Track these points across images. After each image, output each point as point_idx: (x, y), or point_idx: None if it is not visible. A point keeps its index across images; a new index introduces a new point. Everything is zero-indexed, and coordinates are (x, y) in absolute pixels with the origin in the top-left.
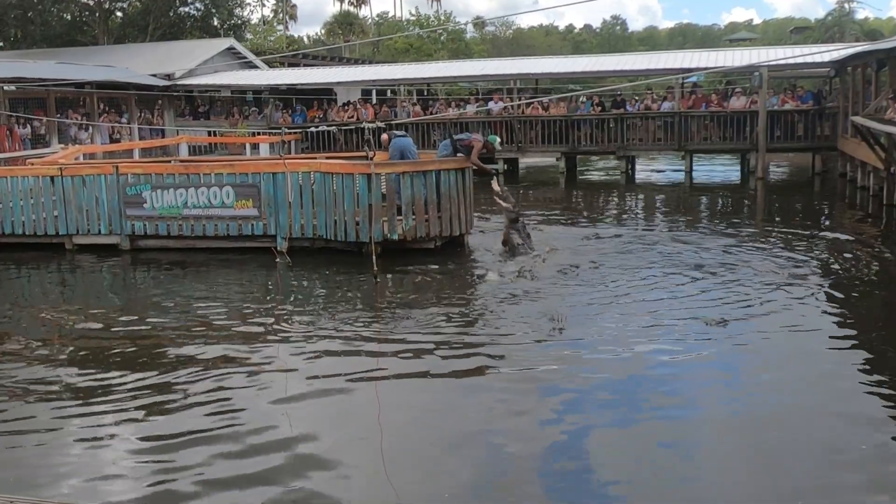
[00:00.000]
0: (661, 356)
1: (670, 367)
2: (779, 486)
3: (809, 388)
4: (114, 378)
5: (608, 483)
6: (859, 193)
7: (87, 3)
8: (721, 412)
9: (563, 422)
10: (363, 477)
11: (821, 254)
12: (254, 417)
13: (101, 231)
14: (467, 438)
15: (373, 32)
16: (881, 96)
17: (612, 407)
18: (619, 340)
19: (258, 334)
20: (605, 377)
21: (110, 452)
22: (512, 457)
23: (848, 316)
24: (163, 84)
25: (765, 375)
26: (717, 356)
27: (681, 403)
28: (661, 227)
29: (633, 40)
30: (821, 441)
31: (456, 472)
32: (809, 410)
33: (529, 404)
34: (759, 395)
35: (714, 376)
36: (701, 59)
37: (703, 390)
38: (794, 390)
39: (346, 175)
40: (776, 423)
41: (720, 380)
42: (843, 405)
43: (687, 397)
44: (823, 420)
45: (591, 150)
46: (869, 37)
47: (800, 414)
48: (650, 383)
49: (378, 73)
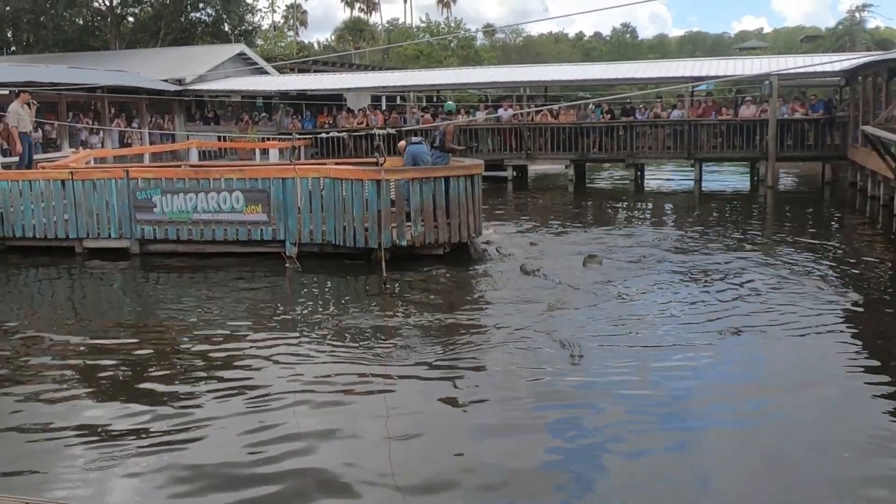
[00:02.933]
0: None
1: (683, 373)
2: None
3: (819, 401)
4: (123, 382)
5: (614, 490)
6: (869, 203)
7: (100, 8)
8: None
9: (571, 434)
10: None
11: (830, 264)
12: (263, 419)
13: (111, 235)
14: (471, 452)
15: (383, 39)
16: (892, 106)
17: (624, 424)
18: (630, 352)
19: (266, 339)
20: (620, 392)
21: (116, 453)
22: (515, 469)
23: (858, 325)
24: (173, 89)
25: (777, 385)
26: (731, 362)
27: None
28: (670, 236)
29: (643, 48)
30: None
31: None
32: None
33: (536, 414)
34: (771, 406)
35: (727, 386)
36: (711, 67)
37: (716, 398)
38: (803, 404)
39: (356, 181)
40: (790, 433)
41: (733, 390)
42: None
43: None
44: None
45: (600, 157)
46: (880, 46)
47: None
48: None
49: (388, 79)
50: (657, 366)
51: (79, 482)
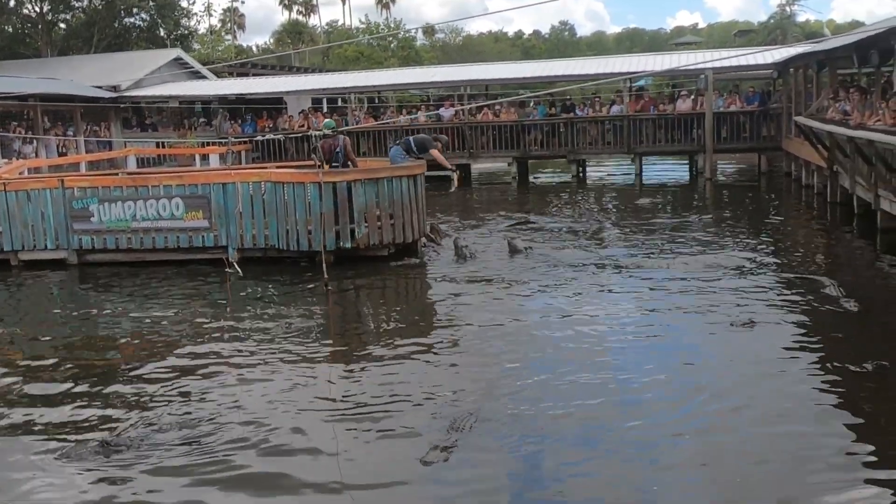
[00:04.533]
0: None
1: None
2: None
3: (759, 384)
4: (62, 396)
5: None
6: (804, 191)
7: (30, 15)
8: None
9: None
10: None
11: (766, 249)
12: (210, 428)
13: (47, 246)
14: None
15: (322, 41)
16: (822, 96)
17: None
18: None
19: (209, 347)
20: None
21: (59, 469)
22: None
23: (797, 311)
24: (109, 96)
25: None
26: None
27: None
28: (609, 228)
29: (581, 45)
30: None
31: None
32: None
33: (484, 413)
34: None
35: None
36: (648, 62)
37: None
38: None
39: (298, 184)
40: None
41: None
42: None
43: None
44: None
45: (542, 154)
46: (810, 38)
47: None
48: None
49: (328, 81)
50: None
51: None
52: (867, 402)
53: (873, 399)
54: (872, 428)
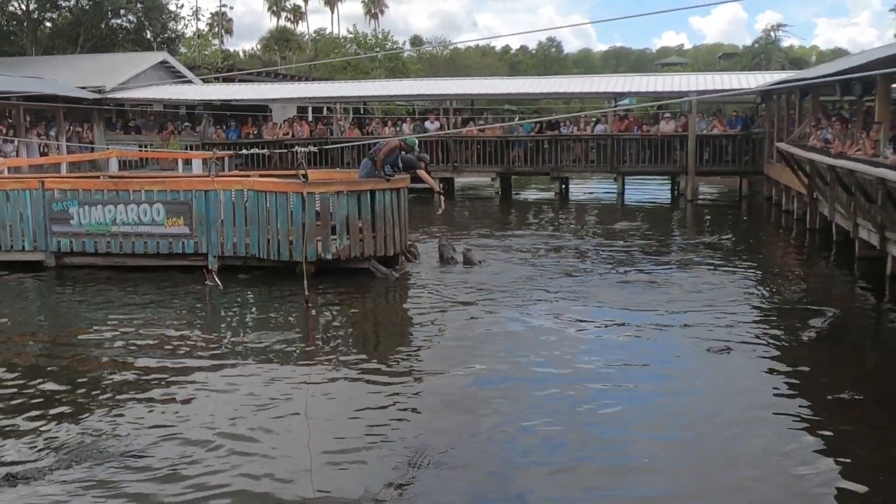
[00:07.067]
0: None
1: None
2: None
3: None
4: (35, 401)
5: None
6: (784, 217)
7: (15, 12)
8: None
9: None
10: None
11: (745, 274)
12: (186, 436)
13: (24, 248)
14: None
15: (310, 48)
16: (804, 123)
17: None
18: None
19: (185, 357)
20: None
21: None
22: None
23: (774, 335)
24: (93, 97)
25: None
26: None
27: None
28: (590, 246)
29: (568, 62)
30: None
31: None
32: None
33: (457, 420)
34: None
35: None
36: (634, 83)
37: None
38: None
39: (280, 193)
40: None
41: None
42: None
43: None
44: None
45: (525, 170)
46: (794, 64)
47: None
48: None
49: (314, 90)
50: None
51: None
52: (844, 432)
53: (851, 429)
54: (854, 460)
